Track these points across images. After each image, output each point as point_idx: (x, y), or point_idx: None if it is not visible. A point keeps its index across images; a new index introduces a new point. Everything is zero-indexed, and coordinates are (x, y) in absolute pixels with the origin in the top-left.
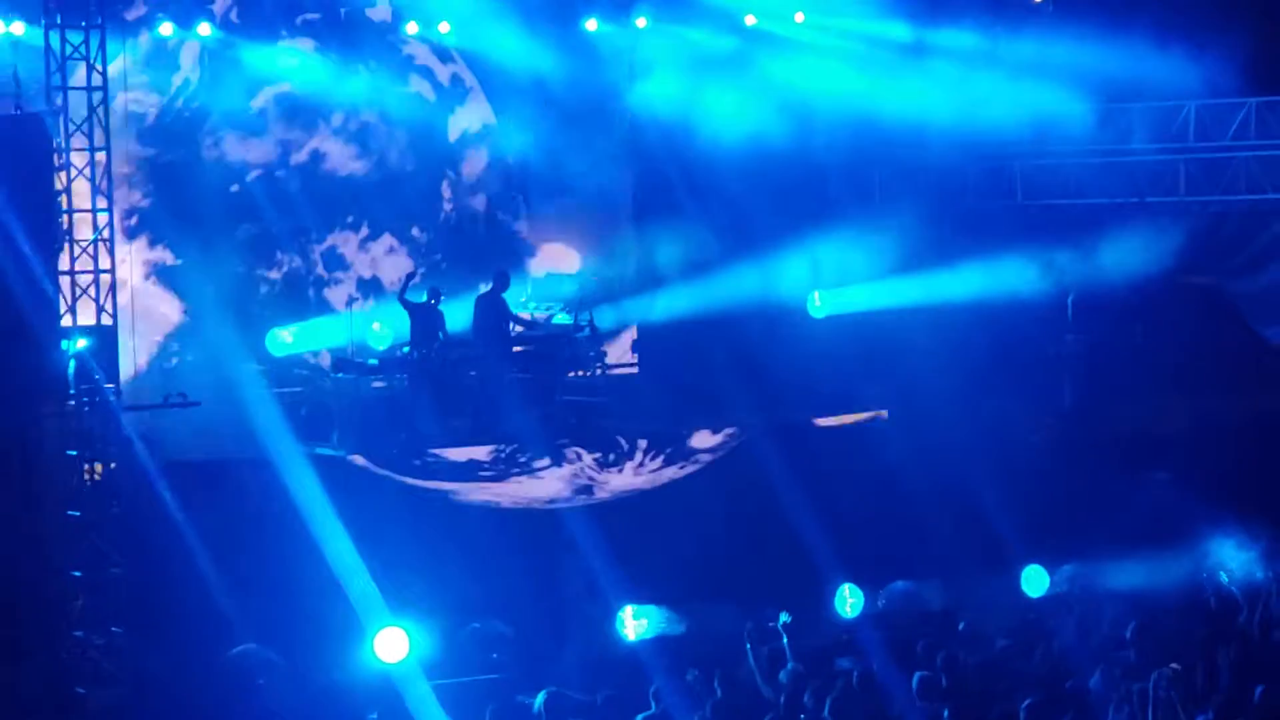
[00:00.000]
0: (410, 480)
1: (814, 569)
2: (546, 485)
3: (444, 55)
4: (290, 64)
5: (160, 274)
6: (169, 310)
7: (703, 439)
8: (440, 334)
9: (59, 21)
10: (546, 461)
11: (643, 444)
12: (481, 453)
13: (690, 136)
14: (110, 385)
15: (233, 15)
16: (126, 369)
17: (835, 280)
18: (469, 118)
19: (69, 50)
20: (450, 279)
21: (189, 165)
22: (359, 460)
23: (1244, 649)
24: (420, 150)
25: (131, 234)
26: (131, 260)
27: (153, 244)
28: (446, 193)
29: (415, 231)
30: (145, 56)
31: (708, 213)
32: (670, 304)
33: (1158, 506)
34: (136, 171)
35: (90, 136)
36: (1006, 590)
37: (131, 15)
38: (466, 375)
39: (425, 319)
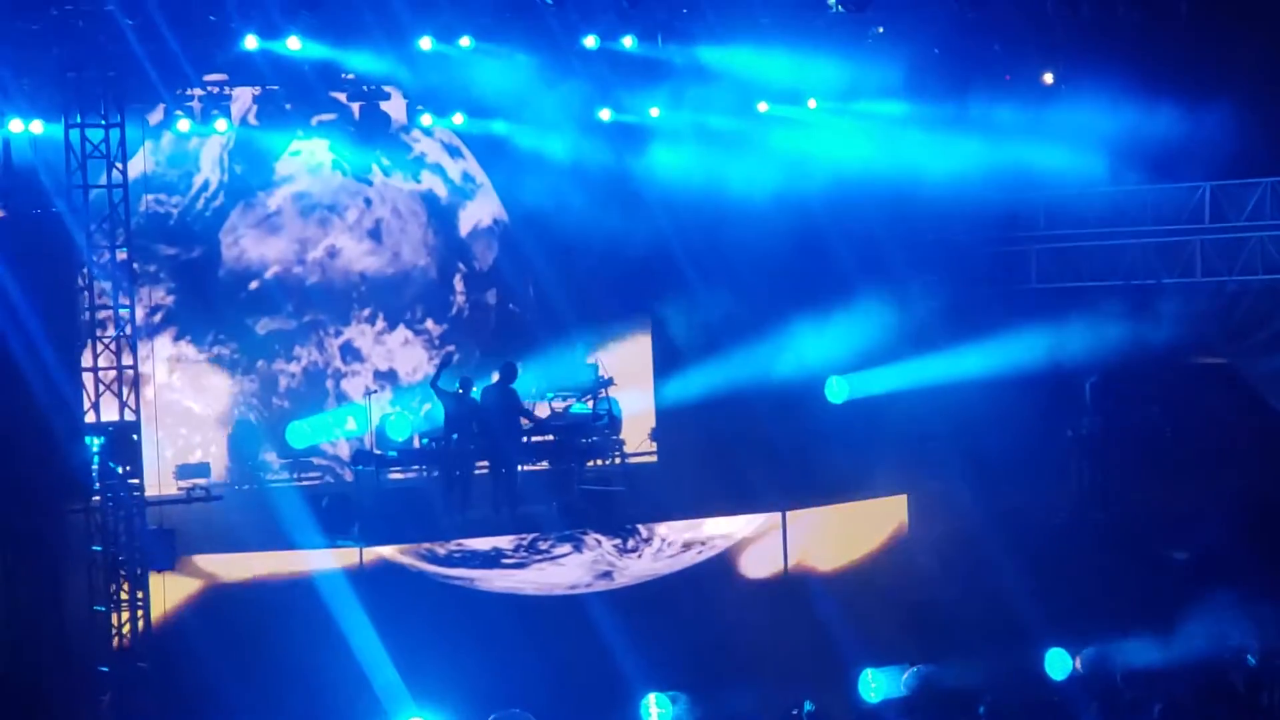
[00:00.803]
0: (436, 569)
1: (836, 653)
2: (568, 572)
3: (454, 152)
4: (306, 164)
5: (184, 369)
6: (193, 404)
7: (720, 525)
8: (474, 423)
9: (79, 120)
10: (568, 548)
11: (662, 530)
12: (505, 541)
13: (702, 215)
14: (134, 481)
15: (250, 116)
16: (151, 463)
17: (851, 362)
18: (479, 212)
19: (89, 149)
20: (465, 369)
21: (210, 263)
22: (385, 551)
23: None
24: (432, 245)
25: (154, 331)
26: (155, 356)
27: (176, 340)
28: (459, 285)
29: (429, 324)
30: (167, 159)
31: (720, 291)
32: (687, 386)
33: (1178, 587)
34: (160, 269)
35: (111, 234)
36: (1029, 673)
37: (152, 118)
38: (489, 467)
39: (458, 407)
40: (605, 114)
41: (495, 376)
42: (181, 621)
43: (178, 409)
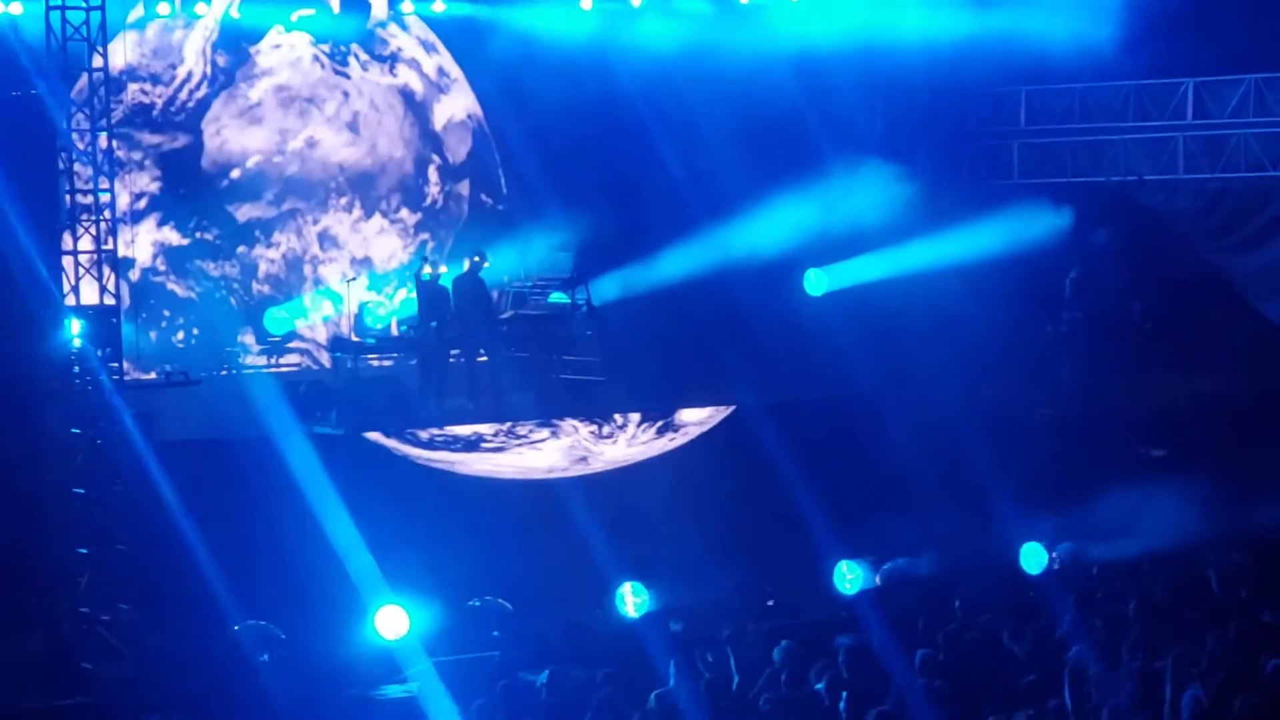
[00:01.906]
0: (419, 451)
1: (812, 544)
2: (545, 456)
3: (430, 47)
4: (286, 58)
5: (167, 254)
6: (176, 288)
7: (692, 414)
8: (448, 311)
9: (59, 1)
10: (545, 434)
11: (635, 418)
12: (485, 426)
13: (678, 90)
14: (113, 364)
15: (233, 10)
16: (136, 345)
17: (828, 247)
18: (453, 106)
19: (69, 31)
20: (439, 258)
21: (193, 152)
22: (371, 436)
23: (1245, 625)
24: (408, 137)
25: (139, 217)
26: (138, 240)
27: (160, 225)
28: (433, 177)
29: (404, 213)
30: (152, 51)
31: (696, 172)
32: (663, 271)
33: (1155, 483)
34: (144, 157)
35: (92, 118)
36: (1005, 567)
37: (133, 15)
38: (462, 355)
39: (431, 295)
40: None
41: (466, 264)
42: (161, 499)
43: (162, 292)
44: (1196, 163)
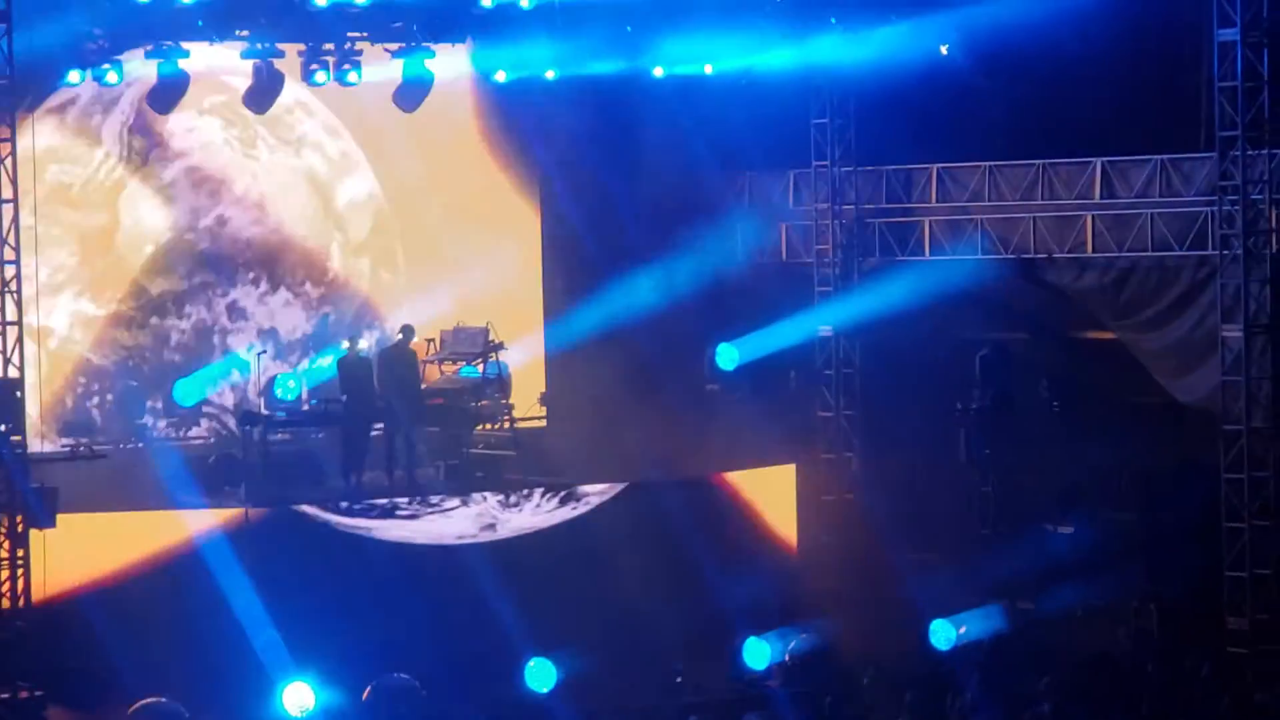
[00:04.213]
0: (337, 518)
1: (719, 619)
2: (455, 524)
3: (333, 132)
4: (199, 141)
5: (84, 325)
6: (92, 357)
7: (596, 489)
8: (368, 385)
9: None
10: (456, 502)
11: (539, 491)
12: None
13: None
14: (16, 438)
15: (147, 99)
16: (53, 410)
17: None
18: (355, 188)
19: None
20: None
21: (109, 228)
22: (305, 509)
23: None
24: (311, 216)
25: (59, 288)
26: (58, 311)
27: (77, 297)
28: (335, 253)
29: (308, 286)
30: (71, 134)
31: (604, 238)
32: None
33: (1060, 560)
34: (64, 233)
35: None
36: (914, 642)
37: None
38: (375, 429)
39: (350, 369)
40: (501, 75)
41: (398, 336)
42: (61, 581)
43: (77, 359)
44: (1104, 241)
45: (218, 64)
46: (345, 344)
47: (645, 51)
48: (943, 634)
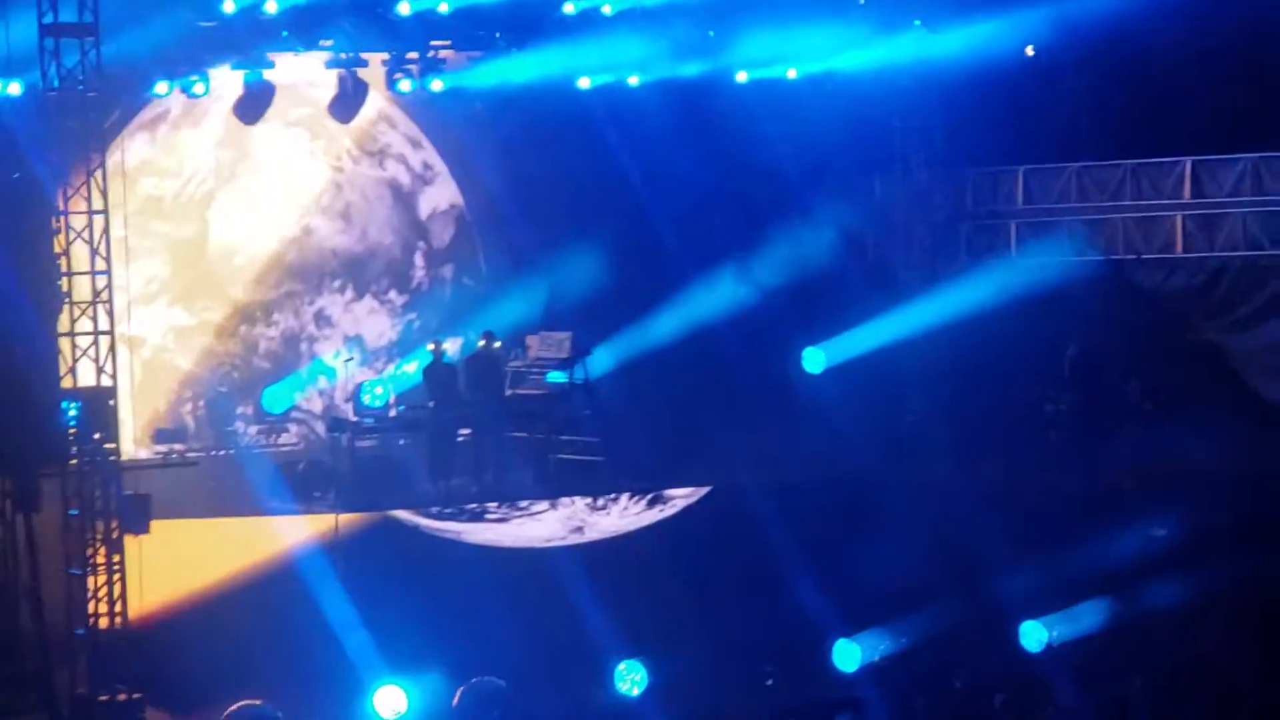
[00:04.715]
0: (427, 522)
1: (808, 621)
2: (544, 526)
3: (415, 144)
4: (286, 154)
5: (176, 333)
6: (183, 365)
7: (682, 491)
8: (454, 390)
9: (56, 86)
10: (545, 506)
11: (626, 493)
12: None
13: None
14: (109, 446)
15: (232, 103)
16: (147, 418)
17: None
18: (437, 197)
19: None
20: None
21: (199, 239)
22: (395, 513)
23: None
24: (395, 225)
25: (152, 298)
26: (151, 321)
27: (170, 306)
28: (419, 261)
29: (393, 294)
30: (162, 148)
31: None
32: (660, 342)
33: (1156, 557)
34: (157, 244)
35: (89, 199)
36: (1005, 644)
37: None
38: (462, 435)
39: (435, 374)
40: (585, 81)
41: (481, 343)
42: (157, 586)
43: (171, 367)
44: (1194, 241)
45: (302, 75)
46: (430, 347)
47: (728, 55)
48: (1034, 636)
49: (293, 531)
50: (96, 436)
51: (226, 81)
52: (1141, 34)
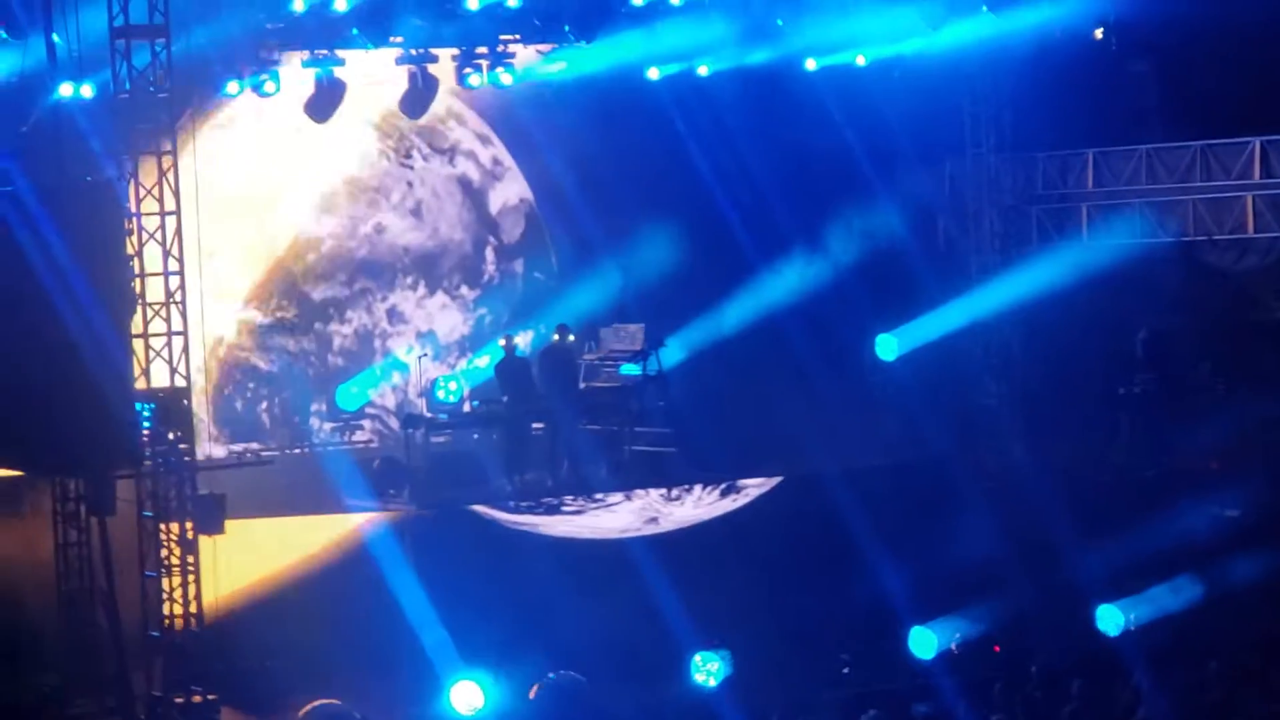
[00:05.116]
0: (504, 515)
1: (884, 609)
2: (619, 518)
3: (485, 140)
4: (357, 152)
5: (251, 331)
6: (259, 363)
7: (754, 481)
8: (526, 383)
9: (127, 88)
10: (619, 497)
11: (700, 484)
12: None
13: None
14: (183, 446)
15: (305, 108)
16: (224, 415)
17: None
18: (507, 192)
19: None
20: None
21: (273, 238)
22: (473, 507)
23: None
24: (466, 221)
25: (226, 297)
26: (226, 319)
27: (244, 305)
28: (490, 256)
29: (464, 290)
30: (234, 146)
31: (759, 230)
32: (730, 331)
33: (1231, 544)
34: (230, 244)
35: (161, 200)
36: (1081, 630)
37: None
38: (536, 428)
39: (508, 368)
40: (654, 72)
41: (555, 337)
42: (232, 586)
43: (246, 366)
44: (1265, 221)
45: (373, 71)
46: (502, 342)
47: (796, 41)
48: (1110, 620)
49: (368, 527)
50: (171, 437)
51: (297, 79)
52: (1207, 15)
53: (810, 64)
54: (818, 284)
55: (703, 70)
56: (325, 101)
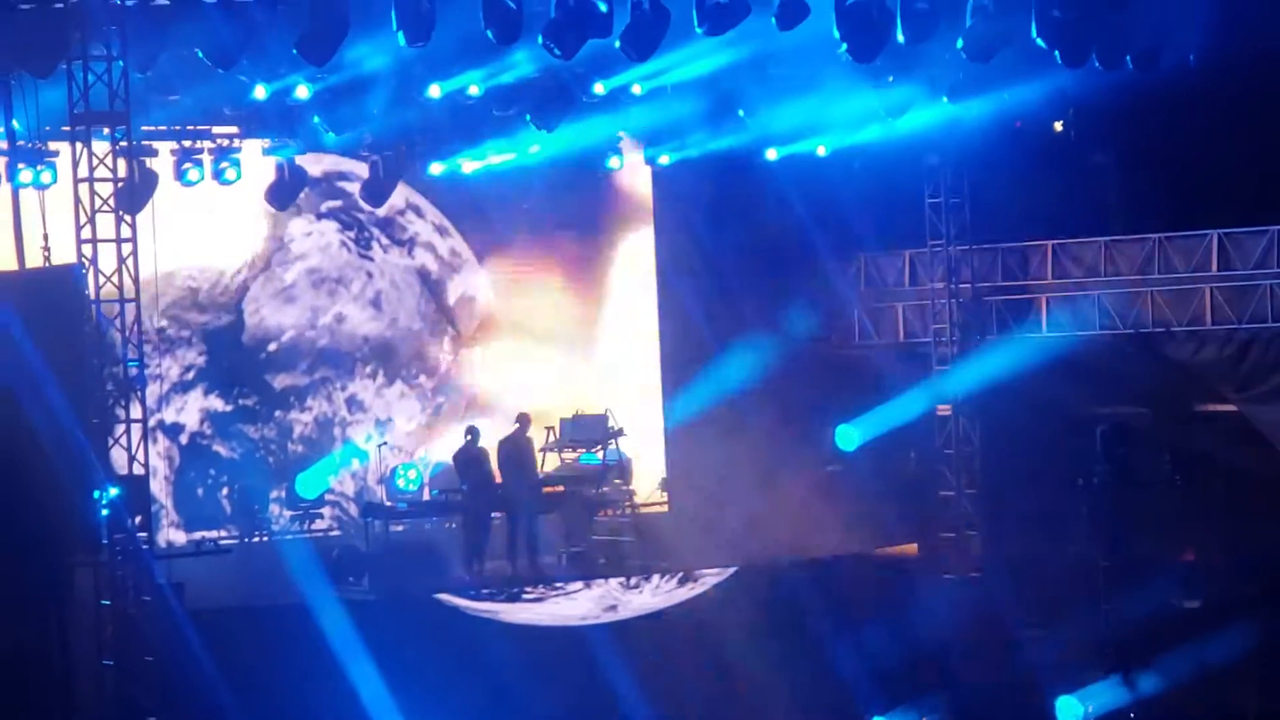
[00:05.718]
0: (465, 602)
1: (841, 698)
2: (579, 605)
3: (443, 232)
4: (317, 244)
5: (213, 419)
6: (220, 450)
7: (711, 571)
8: (486, 472)
9: (89, 175)
10: (579, 585)
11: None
12: None
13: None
14: (142, 534)
15: (266, 196)
16: (182, 502)
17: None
18: (464, 284)
19: (98, 204)
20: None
21: (235, 329)
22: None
23: None
24: (424, 311)
25: (188, 387)
26: (188, 408)
27: (206, 394)
28: (447, 346)
29: (422, 379)
30: (198, 240)
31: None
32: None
33: (1186, 635)
34: (192, 335)
35: (120, 288)
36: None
37: (157, 164)
38: (495, 518)
39: (467, 457)
40: (615, 162)
41: (515, 426)
42: (191, 669)
43: (208, 454)
44: (1223, 313)
45: (333, 161)
46: (467, 437)
47: (757, 131)
48: (1069, 711)
49: (327, 615)
50: (130, 524)
51: (258, 168)
52: (1163, 108)
53: (771, 154)
54: (779, 374)
55: (664, 160)
56: (286, 190)
